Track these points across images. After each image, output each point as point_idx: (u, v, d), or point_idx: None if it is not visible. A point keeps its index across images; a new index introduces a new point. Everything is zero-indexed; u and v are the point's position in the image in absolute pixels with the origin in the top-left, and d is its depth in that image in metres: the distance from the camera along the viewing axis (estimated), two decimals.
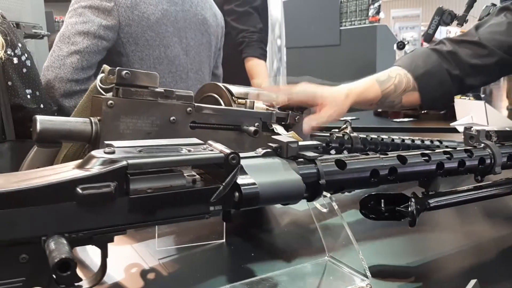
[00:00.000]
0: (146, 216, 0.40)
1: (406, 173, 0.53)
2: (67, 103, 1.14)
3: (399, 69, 0.87)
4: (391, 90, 0.85)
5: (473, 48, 0.84)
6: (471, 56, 0.83)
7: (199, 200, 0.42)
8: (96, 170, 0.37)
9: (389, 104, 0.87)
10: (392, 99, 0.86)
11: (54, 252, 0.33)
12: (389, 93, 0.85)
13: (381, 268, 0.54)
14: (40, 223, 0.36)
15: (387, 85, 0.85)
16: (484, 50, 0.83)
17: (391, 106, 0.88)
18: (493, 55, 0.84)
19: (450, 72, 0.83)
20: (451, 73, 0.83)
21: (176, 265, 0.58)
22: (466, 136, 0.64)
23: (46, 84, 1.13)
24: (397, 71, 0.87)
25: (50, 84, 1.13)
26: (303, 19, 4.40)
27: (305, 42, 4.47)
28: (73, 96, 1.15)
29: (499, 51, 0.83)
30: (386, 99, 0.85)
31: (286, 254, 0.60)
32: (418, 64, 0.85)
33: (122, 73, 0.59)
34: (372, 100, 0.85)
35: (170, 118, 0.64)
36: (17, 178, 0.37)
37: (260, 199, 0.43)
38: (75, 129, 0.58)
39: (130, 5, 1.21)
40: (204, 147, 0.44)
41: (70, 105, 1.14)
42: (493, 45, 0.84)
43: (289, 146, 0.48)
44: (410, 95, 0.86)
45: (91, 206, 0.37)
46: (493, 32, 0.85)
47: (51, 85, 1.13)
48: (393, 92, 0.85)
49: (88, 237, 0.38)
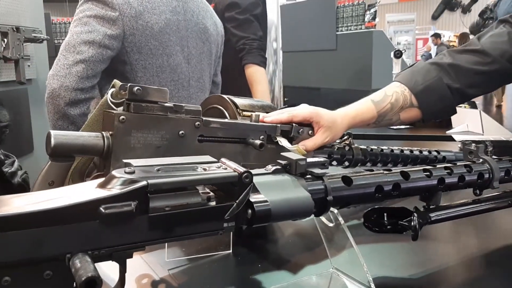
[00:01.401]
0: (164, 233, 0.42)
1: (409, 188, 0.55)
2: (72, 111, 1.15)
3: (396, 86, 0.89)
4: (388, 109, 0.87)
5: (476, 55, 0.86)
6: (474, 63, 0.85)
7: (213, 217, 0.44)
8: (117, 190, 0.39)
9: (386, 122, 0.89)
10: (389, 117, 0.88)
11: (80, 270, 0.35)
12: (385, 112, 0.87)
13: (384, 280, 0.56)
14: (65, 241, 0.37)
15: (383, 104, 0.87)
16: (487, 57, 0.85)
17: (389, 124, 0.90)
18: (496, 63, 0.85)
19: (451, 86, 0.86)
20: (452, 87, 0.86)
21: (185, 276, 0.60)
22: (465, 151, 0.66)
23: (52, 92, 1.14)
24: (394, 89, 0.88)
25: (55, 92, 1.14)
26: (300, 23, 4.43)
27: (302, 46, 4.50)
28: (78, 104, 1.16)
29: (502, 59, 0.86)
30: (384, 118, 0.87)
31: (291, 265, 0.62)
32: (417, 80, 0.87)
33: (133, 89, 0.61)
34: (368, 121, 0.87)
35: (179, 132, 0.66)
36: (42, 198, 0.38)
37: (272, 216, 0.45)
38: (88, 144, 0.60)
39: (134, 14, 1.22)
40: (218, 165, 0.46)
41: (75, 114, 1.16)
42: (497, 54, 0.86)
43: (298, 163, 0.50)
44: (409, 111, 0.88)
45: (112, 224, 0.39)
46: (495, 42, 0.87)
47: (56, 94, 1.14)
48: (390, 111, 0.87)
49: (108, 254, 0.40)
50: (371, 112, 0.86)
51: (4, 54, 2.16)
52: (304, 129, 0.79)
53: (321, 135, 0.80)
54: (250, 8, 1.86)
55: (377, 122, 0.88)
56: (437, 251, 0.66)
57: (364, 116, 0.86)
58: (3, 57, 2.16)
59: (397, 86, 0.89)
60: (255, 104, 0.85)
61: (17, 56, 2.21)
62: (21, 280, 0.37)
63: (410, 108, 0.88)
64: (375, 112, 0.86)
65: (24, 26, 2.30)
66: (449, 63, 0.87)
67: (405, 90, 0.87)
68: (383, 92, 0.88)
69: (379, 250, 0.65)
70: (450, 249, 0.67)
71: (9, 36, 2.18)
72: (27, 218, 0.36)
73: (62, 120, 1.15)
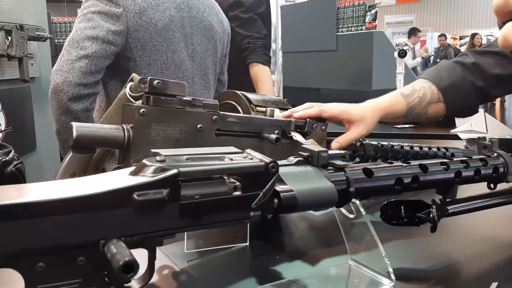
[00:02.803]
0: (193, 221, 0.42)
1: (427, 181, 0.56)
2: (75, 106, 1.16)
3: (423, 82, 0.90)
4: (416, 103, 0.88)
5: (496, 58, 0.87)
6: (494, 66, 0.87)
7: (240, 206, 0.45)
8: (150, 177, 0.40)
9: (415, 116, 0.90)
10: (417, 111, 0.89)
11: (117, 255, 0.36)
12: (414, 106, 0.88)
13: (403, 271, 0.56)
14: (99, 227, 0.38)
15: (412, 98, 0.88)
16: (506, 59, 0.86)
17: (417, 118, 0.91)
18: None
19: (475, 83, 0.87)
20: (476, 85, 0.87)
21: (205, 267, 0.60)
22: (479, 146, 0.67)
23: (55, 87, 1.14)
24: (421, 84, 0.90)
25: (58, 87, 1.14)
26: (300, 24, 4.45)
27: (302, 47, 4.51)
28: (81, 100, 1.17)
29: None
30: (412, 112, 0.89)
31: (309, 257, 0.62)
32: (443, 76, 0.89)
33: (154, 82, 0.61)
34: (398, 113, 0.88)
35: (197, 125, 0.66)
36: (75, 185, 0.39)
37: (297, 205, 0.46)
38: (109, 136, 0.60)
39: (138, 11, 1.23)
40: (244, 155, 0.47)
41: (78, 109, 1.16)
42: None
43: (320, 155, 0.51)
44: (435, 106, 0.89)
45: (145, 211, 0.39)
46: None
47: (59, 89, 1.14)
48: (418, 105, 0.88)
49: (140, 241, 0.40)
50: (401, 104, 0.88)
51: (8, 52, 2.16)
52: (317, 124, 0.80)
53: (354, 131, 0.81)
54: (254, 7, 1.87)
55: (406, 116, 0.89)
56: (455, 243, 0.66)
57: (394, 107, 0.88)
58: (7, 55, 2.16)
59: (423, 82, 0.90)
60: (268, 100, 0.86)
61: (21, 54, 2.21)
62: (55, 266, 0.38)
63: (437, 103, 0.89)
64: (405, 105, 0.88)
65: (28, 24, 2.30)
66: (473, 62, 0.89)
67: (432, 85, 0.89)
68: (411, 87, 0.90)
69: (396, 243, 0.66)
70: (468, 240, 0.68)
71: (13, 34, 2.18)
72: (62, 204, 0.36)
73: (65, 115, 1.16)
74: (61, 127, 1.16)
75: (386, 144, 0.93)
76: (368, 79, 3.77)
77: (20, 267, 0.37)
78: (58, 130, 1.18)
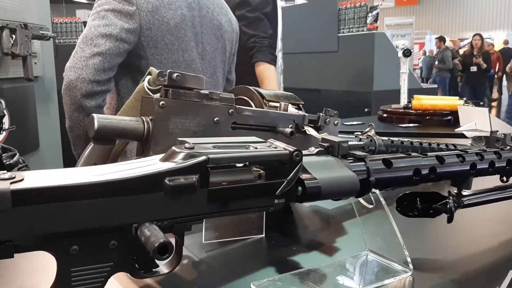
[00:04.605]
0: (221, 207, 0.43)
1: (444, 172, 0.57)
2: (88, 103, 1.17)
3: None
4: None
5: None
6: None
7: (265, 194, 0.46)
8: (180, 163, 0.41)
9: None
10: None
11: (151, 238, 0.36)
12: None
13: (420, 261, 0.57)
14: (132, 211, 0.39)
15: None
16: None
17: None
18: None
19: None
20: None
21: (224, 257, 0.61)
22: (492, 140, 0.68)
23: (68, 84, 1.15)
24: None
25: (72, 84, 1.15)
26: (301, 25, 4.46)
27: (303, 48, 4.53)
28: (94, 96, 1.17)
29: None
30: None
31: (325, 248, 0.63)
32: None
33: (173, 75, 0.62)
34: None
35: (214, 118, 0.67)
36: (108, 170, 0.40)
37: (321, 193, 0.46)
38: (129, 127, 0.61)
39: (151, 9, 1.24)
40: (268, 144, 0.48)
41: (91, 105, 1.17)
42: None
43: (340, 145, 0.52)
44: None
45: (175, 196, 0.40)
46: None
47: (73, 85, 1.15)
48: None
49: (170, 225, 0.41)
50: None
51: (13, 50, 2.17)
52: (330, 119, 0.81)
53: None
54: (260, 6, 1.88)
55: None
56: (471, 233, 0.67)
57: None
58: (11, 53, 2.16)
59: None
60: (280, 95, 0.86)
61: (25, 53, 2.22)
62: (88, 250, 0.39)
63: None
64: None
65: (32, 23, 2.31)
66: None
67: None
68: None
69: (411, 234, 0.67)
70: (481, 232, 0.69)
71: (17, 33, 2.19)
72: (98, 188, 0.37)
73: (78, 111, 1.17)
74: (73, 123, 1.17)
75: (396, 140, 0.94)
76: (369, 80, 3.78)
77: (55, 250, 0.38)
78: (71, 127, 1.18)
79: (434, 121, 1.80)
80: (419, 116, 1.83)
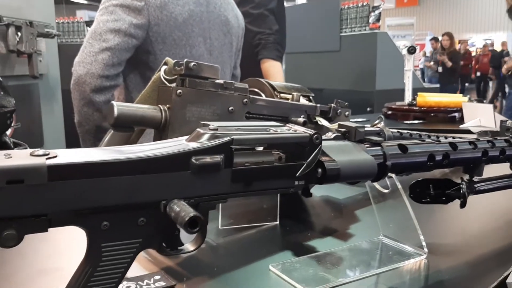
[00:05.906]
0: (243, 187, 0.44)
1: (457, 158, 0.58)
2: (97, 98, 1.18)
3: None
4: None
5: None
6: None
7: (285, 175, 0.47)
8: (205, 143, 0.42)
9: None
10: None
11: (181, 212, 0.38)
12: None
13: (433, 245, 0.58)
14: (160, 188, 0.40)
15: None
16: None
17: None
18: None
19: None
20: None
21: (240, 242, 0.62)
22: (502, 129, 0.69)
23: (78, 79, 1.16)
24: None
25: (81, 79, 1.16)
26: (303, 24, 4.47)
27: (305, 47, 4.53)
28: (103, 91, 1.19)
29: None
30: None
31: (340, 234, 0.64)
32: None
33: (190, 64, 0.63)
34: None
35: (229, 108, 0.68)
36: (137, 149, 0.41)
37: (340, 175, 0.48)
38: (147, 115, 0.62)
39: (159, 5, 1.25)
40: (287, 128, 0.49)
41: (100, 100, 1.18)
42: None
43: (357, 130, 0.53)
44: None
45: (201, 175, 0.41)
46: None
47: (82, 80, 1.16)
48: None
49: (196, 204, 0.42)
50: None
51: (18, 47, 2.18)
52: (342, 110, 0.82)
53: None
54: (264, 3, 1.88)
55: None
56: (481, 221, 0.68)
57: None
58: (17, 51, 2.18)
59: None
60: (291, 87, 0.88)
61: (31, 50, 2.23)
62: (118, 226, 0.40)
63: None
64: None
65: (37, 21, 2.32)
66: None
67: None
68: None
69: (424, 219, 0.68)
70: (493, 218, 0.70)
71: (23, 30, 2.20)
72: (128, 165, 0.38)
73: (87, 106, 1.18)
74: (82, 118, 1.18)
75: (405, 132, 0.95)
76: (371, 79, 3.79)
77: (86, 225, 0.39)
78: (80, 122, 1.19)
79: (439, 118, 1.81)
80: (424, 113, 1.84)
